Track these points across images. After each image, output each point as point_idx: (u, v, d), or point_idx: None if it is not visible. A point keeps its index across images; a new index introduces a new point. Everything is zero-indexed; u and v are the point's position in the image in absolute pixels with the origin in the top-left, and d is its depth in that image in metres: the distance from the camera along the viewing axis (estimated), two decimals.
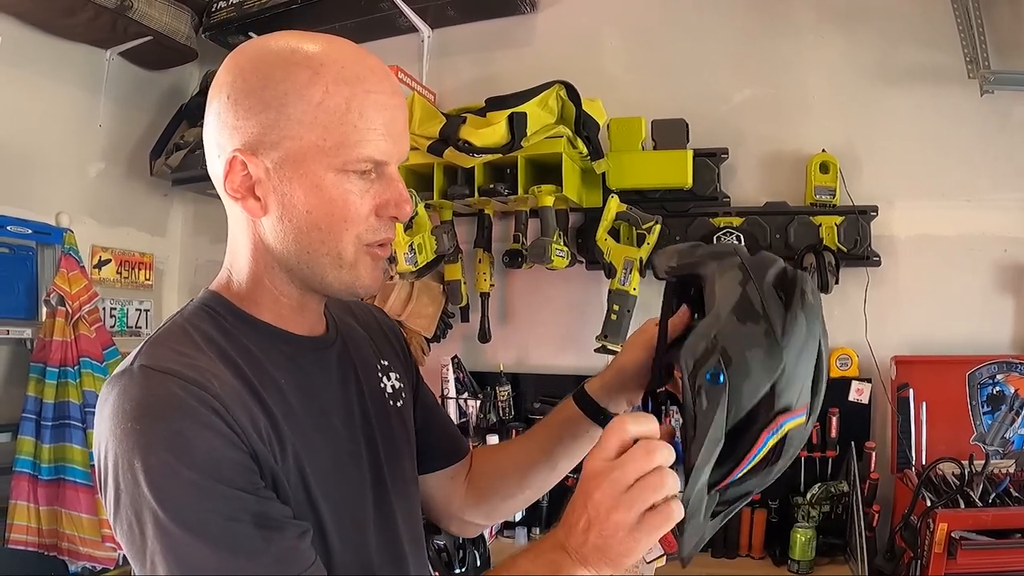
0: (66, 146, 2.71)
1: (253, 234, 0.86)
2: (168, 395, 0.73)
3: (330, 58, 0.81)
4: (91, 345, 2.46)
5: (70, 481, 2.34)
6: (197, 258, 3.14)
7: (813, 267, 2.18)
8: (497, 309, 2.66)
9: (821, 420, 2.24)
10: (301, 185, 0.81)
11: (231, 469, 0.73)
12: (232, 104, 0.81)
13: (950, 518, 1.78)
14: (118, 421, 0.73)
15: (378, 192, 0.85)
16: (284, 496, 0.79)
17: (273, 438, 0.79)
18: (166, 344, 0.81)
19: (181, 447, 0.71)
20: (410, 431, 1.05)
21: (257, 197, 0.83)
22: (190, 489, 0.70)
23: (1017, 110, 2.23)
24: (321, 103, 0.79)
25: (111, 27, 2.57)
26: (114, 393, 0.75)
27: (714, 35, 2.51)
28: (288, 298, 0.89)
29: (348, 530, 0.87)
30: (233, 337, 0.85)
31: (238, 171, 0.82)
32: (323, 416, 0.89)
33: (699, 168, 2.36)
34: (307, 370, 0.89)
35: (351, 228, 0.83)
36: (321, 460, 0.85)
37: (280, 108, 0.79)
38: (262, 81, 0.80)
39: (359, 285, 0.88)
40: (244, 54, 0.84)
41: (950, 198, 2.29)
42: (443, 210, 2.49)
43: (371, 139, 0.81)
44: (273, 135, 0.80)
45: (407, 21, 2.64)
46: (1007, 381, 2.17)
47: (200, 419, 0.73)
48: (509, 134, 2.16)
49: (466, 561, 2.04)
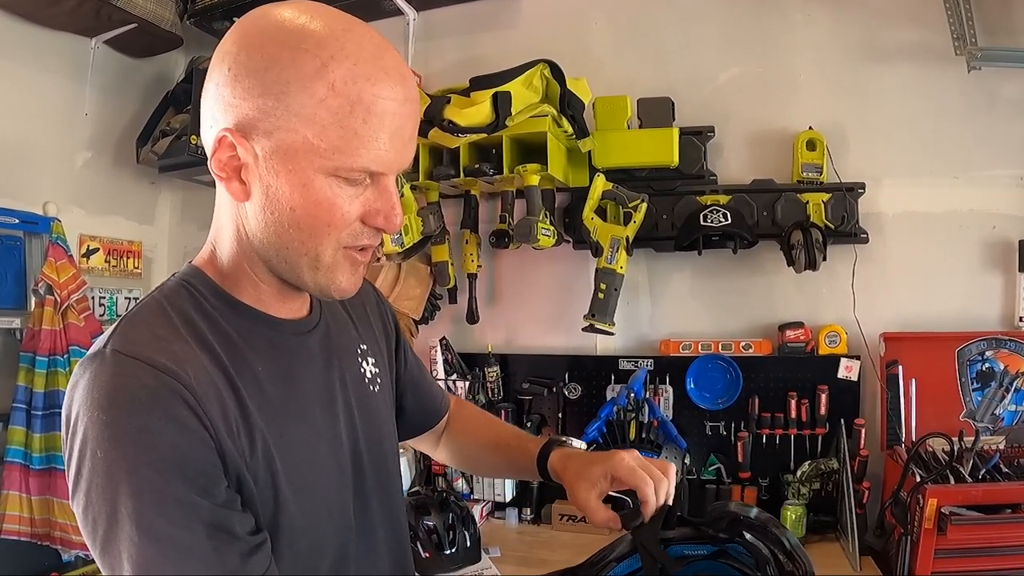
0: (52, 135, 2.69)
1: (236, 216, 0.84)
2: (137, 385, 0.71)
3: (344, 50, 0.75)
4: (80, 334, 2.45)
5: (61, 470, 2.30)
6: (185, 245, 3.13)
7: (800, 244, 2.17)
8: (485, 290, 2.66)
9: (810, 397, 2.25)
10: (288, 180, 0.78)
11: (194, 468, 0.72)
12: (232, 79, 0.77)
13: (940, 494, 1.78)
14: (85, 408, 0.71)
15: (368, 200, 0.81)
16: (248, 494, 0.78)
17: (243, 432, 0.78)
18: (142, 325, 0.79)
19: (144, 443, 0.70)
20: (390, 416, 1.06)
21: (243, 181, 0.80)
22: (147, 488, 0.69)
23: (1004, 87, 2.23)
24: (324, 100, 0.75)
25: (95, 15, 2.55)
26: (85, 377, 0.74)
27: (700, 14, 2.50)
28: (268, 285, 0.87)
29: (323, 522, 0.87)
30: (212, 320, 0.82)
31: (226, 150, 0.79)
32: (301, 405, 0.87)
33: (685, 146, 2.36)
34: (288, 357, 0.88)
35: (333, 233, 0.80)
36: (296, 452, 0.84)
37: (280, 96, 0.75)
38: (266, 61, 0.75)
39: (335, 289, 0.85)
40: (255, 25, 0.79)
41: (938, 175, 2.29)
42: (429, 191, 2.49)
43: (371, 148, 0.77)
44: (268, 123, 0.76)
45: (392, 4, 2.62)
46: (996, 357, 2.17)
47: (169, 412, 0.71)
48: (493, 113, 2.15)
49: (456, 541, 2.04)
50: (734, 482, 2.28)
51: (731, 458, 2.30)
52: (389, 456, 1.02)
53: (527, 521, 2.44)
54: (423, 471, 2.47)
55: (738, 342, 2.36)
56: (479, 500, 2.45)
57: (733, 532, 0.97)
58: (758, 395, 2.29)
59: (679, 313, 2.50)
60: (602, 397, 2.43)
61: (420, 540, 2.01)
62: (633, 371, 2.37)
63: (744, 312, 2.43)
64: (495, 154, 2.32)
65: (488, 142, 2.28)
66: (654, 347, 2.49)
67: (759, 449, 2.28)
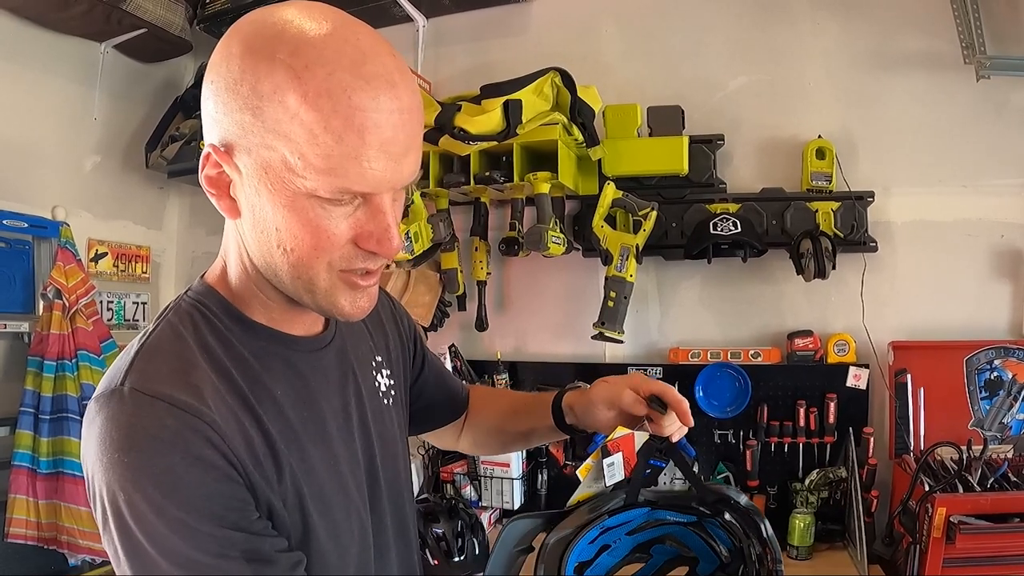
0: (62, 140, 2.70)
1: (237, 234, 0.80)
2: (159, 427, 0.69)
3: (322, 57, 0.68)
4: (88, 338, 2.45)
5: (69, 474, 2.33)
6: (194, 250, 3.14)
7: (810, 253, 2.17)
8: (494, 297, 2.66)
9: (819, 406, 2.25)
10: (271, 200, 0.72)
11: (222, 505, 0.70)
12: (214, 93, 0.73)
13: (949, 502, 1.78)
14: (105, 448, 0.69)
15: (360, 221, 0.74)
16: (280, 522, 0.77)
17: (271, 462, 0.76)
18: (158, 358, 0.75)
19: (170, 484, 0.68)
20: (403, 428, 1.06)
21: (232, 198, 0.76)
22: (177, 527, 0.67)
23: (1013, 95, 2.23)
24: (296, 115, 0.68)
25: (105, 20, 2.56)
26: (101, 416, 0.71)
27: (710, 22, 2.51)
28: (277, 303, 0.83)
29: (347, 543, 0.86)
30: (227, 343, 0.80)
31: (213, 167, 0.75)
32: (320, 426, 0.85)
33: (695, 154, 2.37)
34: (304, 375, 0.86)
35: (322, 256, 0.74)
36: (319, 475, 0.82)
37: (256, 111, 0.69)
38: (243, 74, 0.70)
39: (337, 313, 0.80)
40: (239, 32, 0.73)
41: (946, 184, 2.29)
42: (439, 198, 2.50)
43: (350, 167, 0.69)
44: (247, 139, 0.71)
45: (402, 11, 2.63)
46: (1005, 366, 2.17)
47: (192, 451, 0.69)
48: (504, 121, 2.15)
49: (465, 549, 2.04)
50: (743, 490, 2.28)
51: (740, 466, 2.30)
52: (402, 471, 1.01)
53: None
54: (431, 478, 2.47)
55: (747, 350, 2.36)
56: (487, 507, 2.44)
57: (716, 511, 1.00)
58: (767, 403, 2.29)
59: (688, 321, 2.50)
60: None
61: (429, 547, 2.01)
62: None
63: (753, 320, 2.43)
64: (505, 162, 2.33)
65: (498, 150, 2.28)
66: (663, 355, 2.49)
67: (768, 457, 2.29)
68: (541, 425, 1.17)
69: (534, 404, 1.20)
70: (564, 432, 1.15)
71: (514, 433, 1.25)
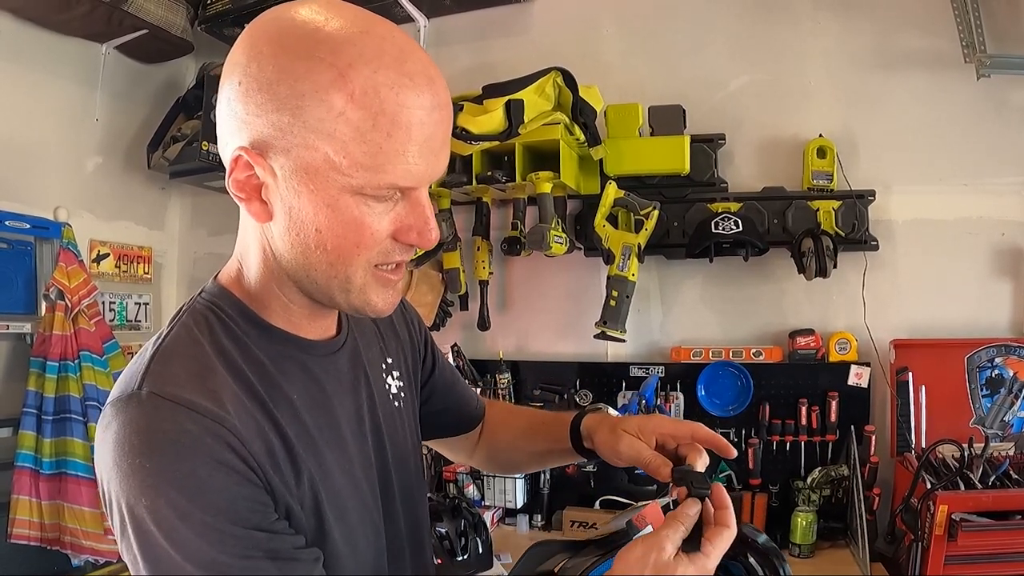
0: (63, 140, 2.70)
1: (261, 237, 0.79)
2: (179, 431, 0.68)
3: (363, 56, 0.68)
4: (91, 339, 2.45)
5: (71, 475, 2.33)
6: (196, 251, 3.14)
7: (811, 251, 2.18)
8: (496, 297, 2.67)
9: (821, 404, 2.25)
10: (311, 200, 0.72)
11: (246, 507, 0.70)
12: (243, 94, 0.71)
13: (950, 500, 1.78)
14: (123, 454, 0.68)
15: (400, 215, 0.76)
16: (298, 524, 0.77)
17: (289, 466, 0.77)
18: (175, 361, 0.74)
19: (193, 488, 0.67)
20: (415, 430, 1.05)
21: (263, 201, 0.75)
22: (203, 530, 0.67)
23: (1014, 94, 2.24)
24: (343, 113, 0.68)
25: (107, 21, 2.56)
26: (119, 420, 0.70)
27: (711, 22, 2.51)
28: (299, 306, 0.83)
29: (362, 547, 0.86)
30: (243, 346, 0.80)
31: (243, 170, 0.74)
32: (335, 430, 0.85)
33: (696, 154, 2.37)
34: (319, 379, 0.86)
35: (363, 253, 0.75)
36: (335, 479, 0.83)
37: (295, 112, 0.69)
38: (278, 73, 0.69)
39: (369, 310, 0.81)
40: (265, 31, 0.72)
41: (947, 182, 2.30)
42: (441, 198, 2.50)
43: (398, 163, 0.70)
44: (285, 140, 0.70)
45: (403, 11, 2.63)
46: (1006, 364, 2.18)
47: (214, 456, 0.69)
48: (506, 121, 2.15)
49: (468, 548, 2.04)
50: (745, 489, 2.29)
51: (742, 465, 2.30)
52: (414, 473, 1.01)
53: (538, 527, 2.44)
54: (434, 477, 2.47)
55: (749, 349, 2.37)
56: (490, 506, 2.45)
57: (738, 552, 0.99)
58: (769, 402, 2.30)
59: (690, 320, 2.51)
60: (613, 404, 2.43)
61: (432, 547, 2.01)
62: (644, 378, 2.38)
63: (755, 319, 2.44)
64: (507, 161, 2.34)
65: (500, 149, 2.29)
66: (665, 354, 2.49)
67: (770, 456, 2.29)
68: (558, 447, 1.12)
69: (552, 424, 1.16)
70: (582, 456, 1.11)
71: (529, 452, 1.21)
